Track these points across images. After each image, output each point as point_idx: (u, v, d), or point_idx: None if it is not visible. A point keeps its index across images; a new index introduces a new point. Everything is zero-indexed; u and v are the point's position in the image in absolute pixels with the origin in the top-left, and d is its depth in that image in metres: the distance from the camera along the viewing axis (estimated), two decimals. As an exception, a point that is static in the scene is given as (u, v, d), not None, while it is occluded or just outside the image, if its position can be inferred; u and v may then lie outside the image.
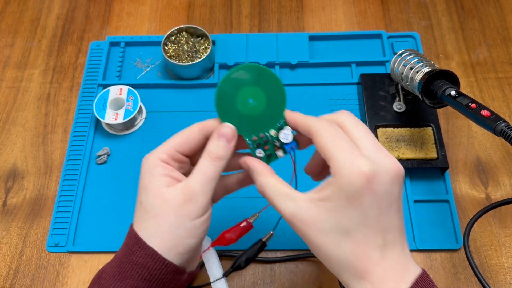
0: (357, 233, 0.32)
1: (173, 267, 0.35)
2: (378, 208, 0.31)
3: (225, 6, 0.72)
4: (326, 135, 0.33)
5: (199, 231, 0.36)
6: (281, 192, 0.35)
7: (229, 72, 0.38)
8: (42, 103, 0.64)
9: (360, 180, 0.31)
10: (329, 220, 0.32)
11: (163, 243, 0.35)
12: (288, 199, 0.34)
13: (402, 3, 0.71)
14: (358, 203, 0.31)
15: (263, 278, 0.51)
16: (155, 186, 0.36)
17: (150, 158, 0.37)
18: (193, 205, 0.35)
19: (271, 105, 0.39)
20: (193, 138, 0.38)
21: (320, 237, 0.33)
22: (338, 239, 0.32)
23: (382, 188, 0.31)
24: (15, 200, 0.57)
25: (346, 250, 0.32)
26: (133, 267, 0.35)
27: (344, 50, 0.67)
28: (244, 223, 0.43)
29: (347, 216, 0.31)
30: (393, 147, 0.55)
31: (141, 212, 0.37)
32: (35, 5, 0.73)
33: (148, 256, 0.35)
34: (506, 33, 0.68)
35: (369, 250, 0.32)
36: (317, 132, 0.34)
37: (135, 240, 0.35)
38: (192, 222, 0.35)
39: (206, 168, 0.36)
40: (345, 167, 0.31)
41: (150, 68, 0.66)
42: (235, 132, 0.38)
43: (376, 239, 0.32)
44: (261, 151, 0.39)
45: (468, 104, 0.45)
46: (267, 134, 0.39)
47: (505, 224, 0.54)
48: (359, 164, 0.31)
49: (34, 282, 0.52)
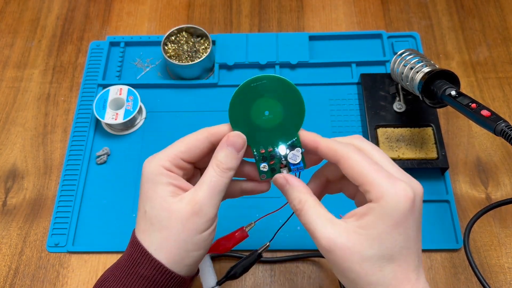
0: (400, 256, 0.31)
1: (179, 278, 0.35)
2: (417, 230, 0.32)
3: (225, 6, 0.72)
4: (360, 160, 0.33)
5: (206, 243, 0.35)
6: (321, 215, 0.33)
7: (251, 79, 0.36)
8: (42, 103, 0.64)
9: (407, 204, 0.31)
10: (373, 247, 0.31)
11: (170, 258, 0.34)
12: (329, 223, 0.32)
13: (402, 3, 0.71)
14: (403, 227, 0.31)
15: (263, 278, 0.51)
16: (160, 196, 0.35)
17: (153, 164, 0.35)
18: (200, 219, 0.34)
19: (287, 121, 0.37)
20: (199, 145, 0.36)
21: (362, 265, 0.31)
22: (381, 265, 0.31)
23: (419, 209, 0.32)
24: (15, 200, 0.57)
25: (389, 275, 0.31)
26: (139, 279, 0.34)
27: (344, 50, 0.67)
28: (239, 232, 0.43)
29: (392, 241, 0.31)
30: (393, 147, 0.55)
31: (145, 222, 0.35)
32: (35, 5, 0.73)
33: (154, 269, 0.34)
34: (506, 33, 0.68)
35: (409, 272, 0.32)
36: (348, 158, 0.33)
37: (141, 251, 0.35)
38: (199, 235, 0.34)
39: (214, 179, 0.35)
40: (390, 192, 0.31)
41: (150, 68, 0.66)
42: (245, 142, 0.36)
43: (414, 260, 0.32)
44: (266, 165, 0.37)
45: (468, 104, 0.45)
46: (276, 150, 0.37)
47: (505, 224, 0.54)
48: (403, 188, 0.31)
49: (34, 282, 0.52)
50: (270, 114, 0.37)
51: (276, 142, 0.37)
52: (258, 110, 0.37)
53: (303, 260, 0.52)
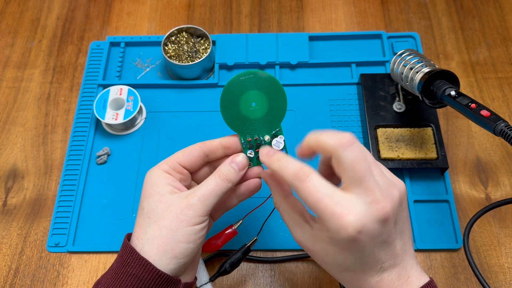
0: (355, 268, 0.34)
1: (166, 277, 0.36)
2: (372, 249, 0.33)
3: (225, 6, 0.72)
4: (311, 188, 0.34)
5: (195, 237, 0.38)
6: (292, 218, 0.38)
7: (240, 73, 0.40)
8: (42, 103, 0.64)
9: (346, 237, 0.32)
10: (328, 257, 0.35)
11: (160, 246, 0.37)
12: (298, 228, 0.37)
13: (402, 3, 0.71)
14: (350, 251, 0.33)
15: (263, 278, 0.51)
16: (159, 193, 0.38)
17: (154, 170, 0.40)
18: (193, 212, 0.37)
19: (271, 112, 0.41)
20: (194, 153, 0.41)
21: (323, 265, 0.36)
22: (339, 270, 0.35)
23: (370, 236, 0.32)
24: (15, 200, 0.57)
25: (347, 278, 0.35)
26: (128, 278, 0.36)
27: (344, 50, 0.67)
28: (229, 230, 0.46)
29: (343, 258, 0.34)
30: (393, 147, 0.55)
31: (142, 218, 0.38)
32: (35, 5, 0.73)
33: (141, 266, 0.36)
34: (506, 33, 0.68)
35: (367, 277, 0.34)
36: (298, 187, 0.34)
37: (130, 251, 0.37)
38: (190, 227, 0.37)
39: (213, 183, 0.39)
40: (332, 224, 0.32)
41: (150, 68, 0.66)
42: (247, 163, 0.41)
43: (374, 268, 0.34)
44: (252, 152, 0.42)
45: (468, 104, 0.45)
46: (262, 138, 0.42)
47: (505, 224, 0.54)
48: (344, 223, 0.31)
49: (34, 282, 0.52)
50: (256, 106, 0.41)
51: (262, 132, 0.42)
52: (246, 101, 0.41)
53: (303, 260, 0.52)
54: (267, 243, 0.53)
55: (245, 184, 0.43)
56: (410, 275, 0.34)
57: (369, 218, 0.31)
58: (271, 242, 0.53)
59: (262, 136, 0.42)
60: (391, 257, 0.34)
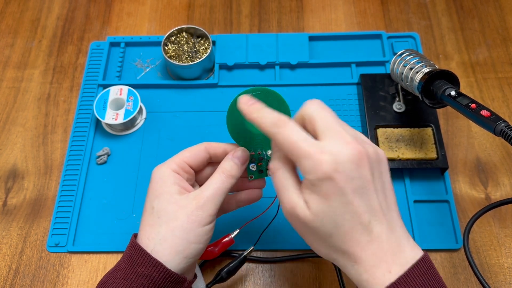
0: (343, 223, 0.33)
1: (176, 276, 0.37)
2: (351, 195, 0.32)
3: (225, 6, 0.72)
4: (289, 135, 0.35)
5: (205, 237, 0.39)
6: (287, 182, 0.36)
7: (247, 89, 0.40)
8: (42, 103, 0.64)
9: (323, 175, 0.32)
10: (316, 220, 0.33)
11: (173, 247, 0.37)
12: (292, 188, 0.36)
13: (402, 3, 0.71)
14: (331, 200, 0.32)
15: (263, 278, 0.51)
16: (168, 192, 0.39)
17: (162, 168, 0.40)
18: (203, 212, 0.38)
19: None
20: (200, 154, 0.42)
21: (312, 238, 0.35)
22: (329, 235, 0.34)
23: (346, 175, 0.32)
24: (15, 200, 0.57)
25: (338, 239, 0.34)
26: (138, 278, 0.37)
27: (344, 50, 0.67)
28: (227, 239, 0.48)
29: (326, 212, 0.33)
30: (393, 147, 0.55)
31: (152, 217, 0.39)
32: (35, 5, 0.73)
33: (152, 267, 0.36)
34: (506, 33, 0.68)
35: (356, 234, 0.33)
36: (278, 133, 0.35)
37: (139, 251, 0.37)
38: (201, 228, 0.38)
39: (219, 181, 0.40)
40: (308, 164, 0.33)
41: (150, 68, 0.66)
42: (248, 156, 0.42)
43: (360, 221, 0.33)
44: (254, 165, 0.43)
45: (468, 104, 0.45)
46: (264, 152, 0.43)
47: (505, 224, 0.54)
48: (320, 161, 0.32)
49: (34, 282, 0.52)
50: None
51: (265, 146, 0.43)
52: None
53: (303, 260, 0.52)
54: (267, 243, 0.53)
55: (247, 192, 0.44)
56: (401, 243, 0.34)
57: (343, 157, 0.32)
58: (271, 242, 0.53)
59: (265, 150, 0.43)
60: (371, 210, 0.33)
